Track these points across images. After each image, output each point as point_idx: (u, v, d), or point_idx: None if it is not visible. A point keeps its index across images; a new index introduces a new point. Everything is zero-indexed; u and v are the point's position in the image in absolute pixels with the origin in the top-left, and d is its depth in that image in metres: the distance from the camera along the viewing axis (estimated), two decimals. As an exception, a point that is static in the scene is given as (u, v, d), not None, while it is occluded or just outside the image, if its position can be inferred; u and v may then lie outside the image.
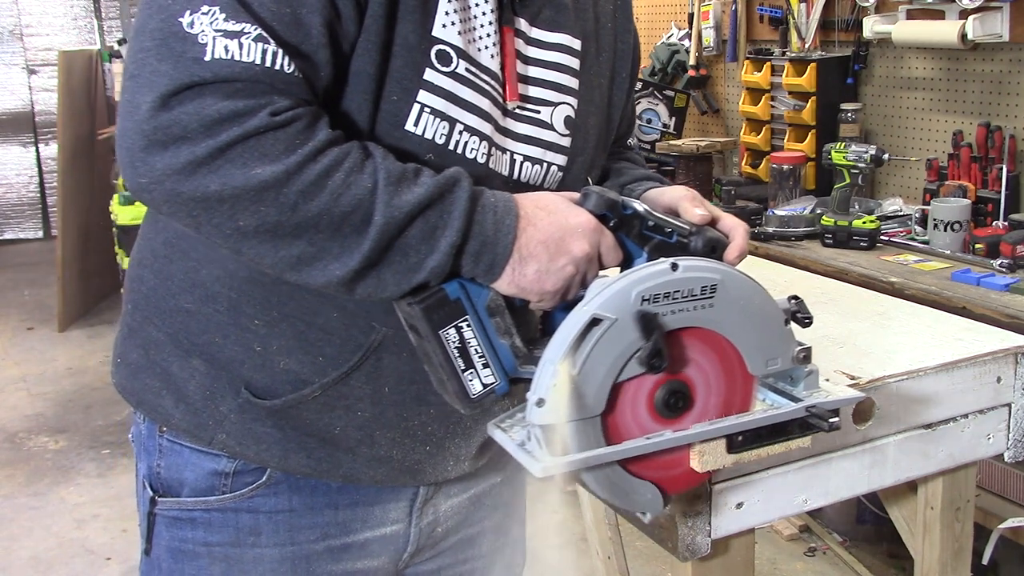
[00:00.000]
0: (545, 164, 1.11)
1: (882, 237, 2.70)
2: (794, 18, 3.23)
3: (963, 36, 2.64)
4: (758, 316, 1.01)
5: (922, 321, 1.50)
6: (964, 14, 2.64)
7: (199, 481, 1.12)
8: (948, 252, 2.55)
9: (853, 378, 1.27)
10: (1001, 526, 2.25)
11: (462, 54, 1.01)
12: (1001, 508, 2.32)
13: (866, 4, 2.96)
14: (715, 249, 1.04)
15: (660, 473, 1.00)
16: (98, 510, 3.28)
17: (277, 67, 0.91)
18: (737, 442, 1.01)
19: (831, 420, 1.01)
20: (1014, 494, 2.34)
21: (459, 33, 1.01)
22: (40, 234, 7.07)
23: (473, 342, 0.99)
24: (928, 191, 2.82)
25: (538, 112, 1.10)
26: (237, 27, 0.89)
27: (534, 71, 1.10)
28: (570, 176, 1.14)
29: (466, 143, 1.03)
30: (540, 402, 0.92)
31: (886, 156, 2.74)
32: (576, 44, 1.13)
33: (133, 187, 0.92)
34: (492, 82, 1.04)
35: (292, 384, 1.08)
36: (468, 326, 0.98)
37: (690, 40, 3.77)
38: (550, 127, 1.11)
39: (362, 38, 0.96)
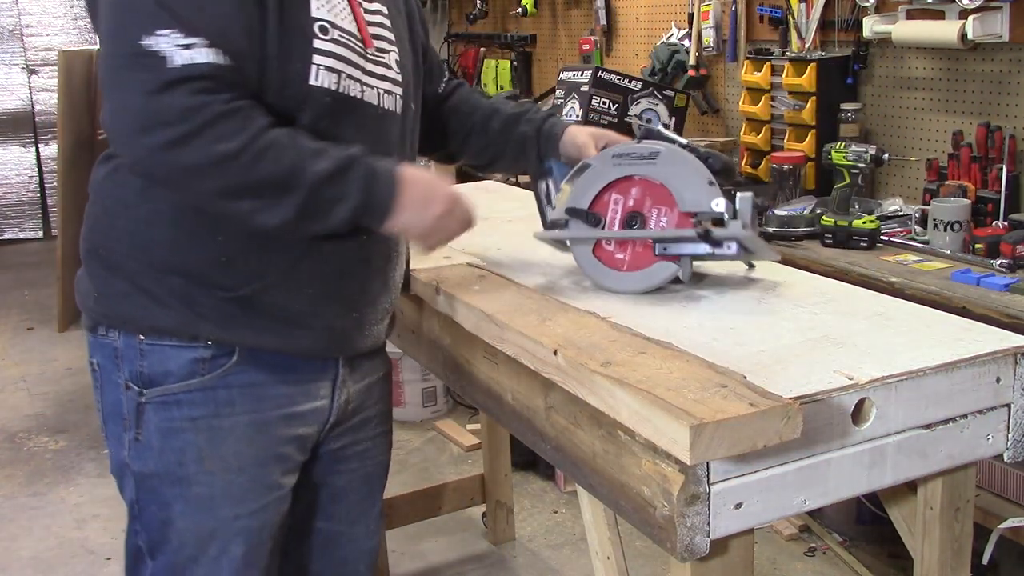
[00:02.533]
0: (395, 95, 1.52)
1: (882, 237, 2.70)
2: (794, 18, 3.23)
3: (963, 36, 2.64)
4: (685, 173, 1.59)
5: (922, 321, 1.50)
6: (964, 14, 2.64)
7: (182, 369, 1.43)
8: (948, 252, 2.54)
9: (852, 378, 1.27)
10: (1001, 526, 2.25)
11: (333, 25, 1.41)
12: (1001, 508, 2.32)
13: (866, 4, 2.96)
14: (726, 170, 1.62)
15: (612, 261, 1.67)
16: (98, 510, 3.28)
17: (223, 64, 1.29)
18: (662, 250, 1.60)
19: (716, 239, 1.55)
20: (1014, 494, 2.34)
21: (328, 11, 1.41)
22: (40, 234, 7.06)
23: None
24: (928, 191, 2.82)
25: (383, 57, 1.51)
26: (189, 41, 1.27)
27: (372, 29, 1.49)
28: (407, 102, 1.56)
29: (348, 86, 1.43)
30: (554, 205, 1.74)
31: (886, 156, 2.74)
32: (385, 9, 1.55)
33: (130, 162, 1.35)
34: (353, 40, 1.44)
35: (254, 276, 1.42)
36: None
37: (690, 40, 3.76)
38: (390, 67, 1.52)
39: (269, 29, 1.34)
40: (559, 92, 3.75)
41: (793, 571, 2.86)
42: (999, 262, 2.39)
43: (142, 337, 1.44)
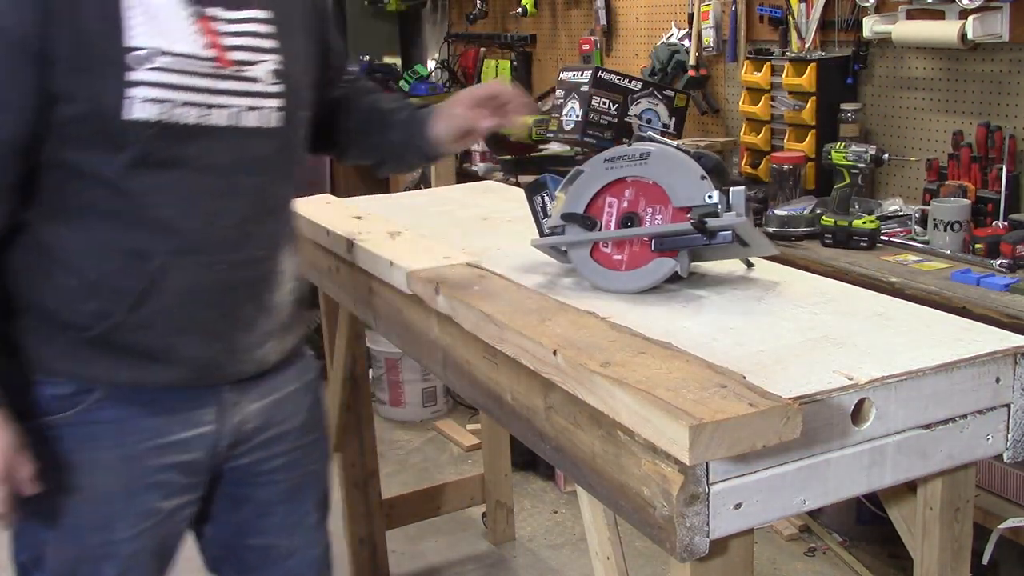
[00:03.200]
0: (264, 109, 1.48)
1: (882, 237, 2.70)
2: (794, 18, 3.23)
3: (963, 36, 2.64)
4: (677, 170, 1.62)
5: (922, 321, 1.50)
6: (964, 14, 2.63)
7: (49, 404, 1.46)
8: (948, 252, 2.54)
9: (852, 378, 1.27)
10: (1001, 526, 2.25)
11: (161, 51, 1.36)
12: (1001, 508, 2.32)
13: (866, 4, 2.96)
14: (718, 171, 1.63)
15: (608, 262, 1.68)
16: (98, 510, 3.27)
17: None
18: (659, 246, 1.62)
19: (711, 229, 1.56)
20: (1014, 494, 2.34)
21: (153, 37, 1.35)
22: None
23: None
24: (928, 191, 2.82)
25: (248, 70, 1.46)
26: None
27: (235, 40, 1.45)
28: (291, 111, 1.52)
29: (181, 114, 1.38)
30: (550, 213, 1.79)
31: (886, 156, 2.74)
32: (264, 14, 1.49)
33: None
34: (194, 62, 1.39)
35: (101, 316, 1.42)
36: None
37: (690, 40, 3.76)
38: (257, 79, 1.47)
39: (60, 75, 1.32)
40: (559, 92, 3.75)
41: (793, 571, 2.86)
42: (999, 262, 2.39)
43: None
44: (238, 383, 1.57)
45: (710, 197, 1.57)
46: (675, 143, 1.72)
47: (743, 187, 1.59)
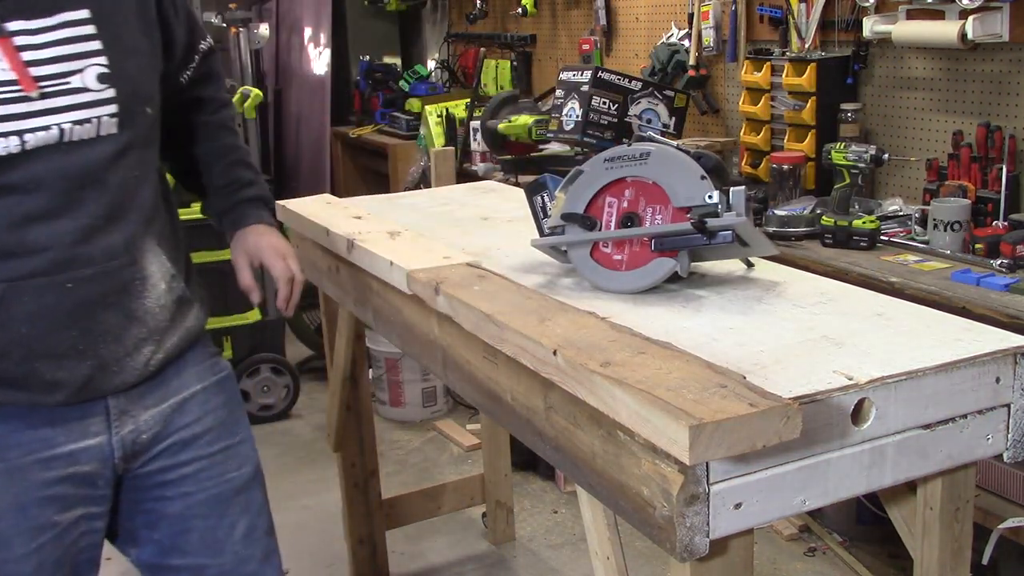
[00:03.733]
0: (94, 119, 1.38)
1: (882, 237, 2.70)
2: (794, 18, 3.22)
3: (963, 36, 2.64)
4: (677, 170, 1.63)
5: (922, 321, 1.50)
6: (964, 14, 2.63)
7: None
8: (948, 252, 2.54)
9: (851, 378, 1.27)
10: (1001, 526, 2.25)
11: None
12: (1001, 508, 2.32)
13: (866, 4, 2.96)
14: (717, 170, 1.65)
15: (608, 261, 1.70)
16: (98, 510, 3.28)
17: None
18: (659, 246, 1.63)
19: (711, 229, 1.56)
20: (1014, 494, 2.34)
21: None
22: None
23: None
24: (928, 191, 2.82)
25: (66, 81, 1.36)
26: None
27: (46, 52, 1.35)
28: (130, 112, 1.43)
29: None
30: (549, 213, 1.80)
31: (886, 156, 2.74)
32: (81, 14, 1.38)
33: None
34: (5, 88, 1.31)
35: None
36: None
37: (690, 40, 3.76)
38: (82, 88, 1.37)
39: None
40: (559, 92, 3.74)
41: (793, 571, 2.86)
42: (999, 262, 2.39)
43: None
44: (124, 393, 1.51)
45: (710, 197, 1.58)
46: (675, 143, 1.72)
47: (743, 187, 1.59)
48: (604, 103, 3.57)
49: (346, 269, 2.19)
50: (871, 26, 2.94)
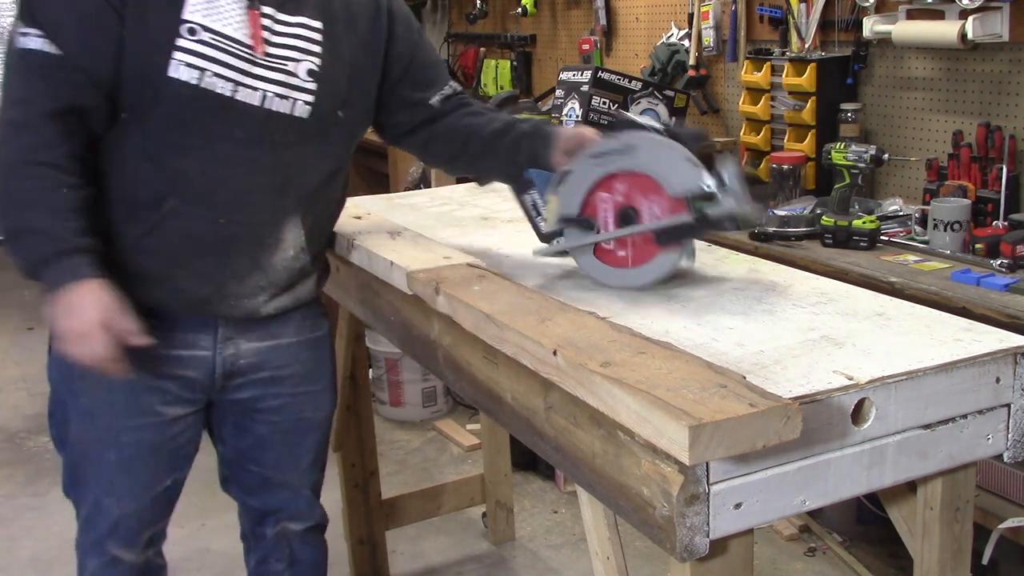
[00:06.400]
0: (291, 99, 1.72)
1: (882, 237, 2.70)
2: (794, 18, 3.23)
3: (963, 36, 2.64)
4: (665, 158, 1.64)
5: (922, 321, 1.50)
6: (964, 14, 2.63)
7: None
8: (948, 252, 2.54)
9: (852, 378, 1.27)
10: (1001, 526, 2.25)
11: (206, 28, 1.64)
12: (1001, 508, 2.32)
13: (866, 4, 2.96)
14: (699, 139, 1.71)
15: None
16: (98, 510, 3.28)
17: (52, 54, 1.62)
18: (664, 240, 1.64)
19: (713, 221, 1.59)
20: (1014, 494, 2.34)
21: (205, 16, 1.64)
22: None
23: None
24: (928, 191, 2.82)
25: (285, 64, 1.71)
26: (27, 31, 1.62)
27: (280, 39, 1.71)
28: (321, 106, 1.75)
29: (213, 83, 1.65)
30: (543, 218, 1.82)
31: (886, 156, 2.74)
32: (316, 23, 1.75)
33: None
34: (231, 43, 1.66)
35: (110, 242, 1.70)
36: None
37: (690, 40, 3.76)
38: (294, 75, 1.72)
39: (128, 27, 1.61)
40: (559, 92, 3.75)
41: (793, 571, 2.86)
42: (999, 262, 2.39)
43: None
44: (234, 322, 1.84)
45: (708, 186, 1.59)
46: (659, 123, 1.72)
47: (732, 160, 1.62)
48: (604, 103, 3.57)
49: (346, 269, 2.19)
50: (871, 26, 2.94)
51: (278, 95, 1.70)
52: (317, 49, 1.75)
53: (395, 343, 2.12)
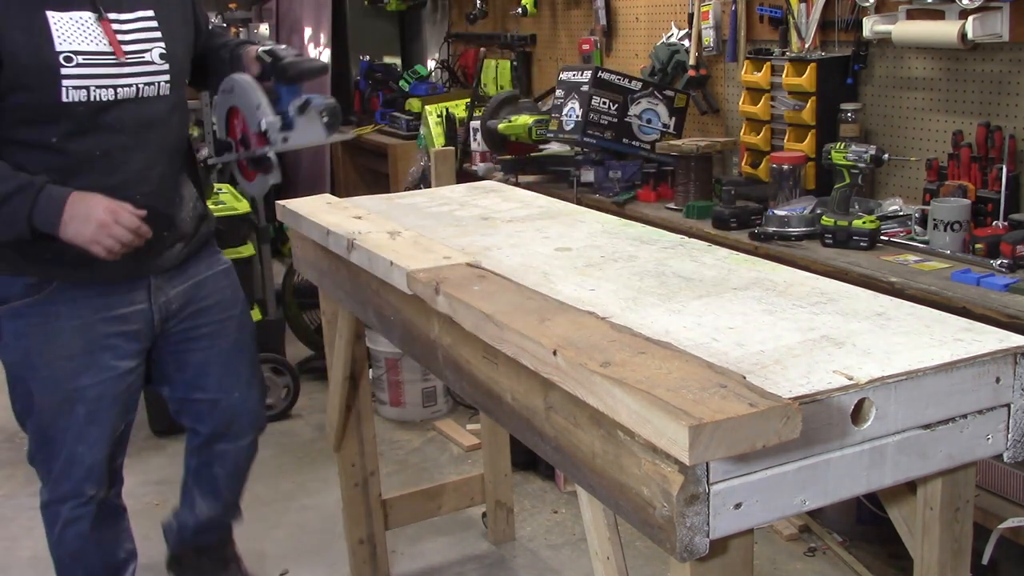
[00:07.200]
0: (157, 83, 2.12)
1: (882, 237, 2.70)
2: (794, 18, 3.23)
3: (963, 36, 2.64)
4: (246, 100, 2.11)
5: (922, 321, 1.50)
6: (964, 14, 2.63)
7: (21, 291, 2.12)
8: (948, 252, 2.54)
9: (851, 378, 1.27)
10: (1001, 526, 2.25)
11: (77, 52, 1.99)
12: (1001, 508, 2.32)
13: (866, 4, 2.96)
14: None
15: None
16: (98, 510, 3.28)
17: None
18: (251, 165, 2.18)
19: (259, 158, 2.12)
20: (1014, 494, 2.34)
21: (71, 43, 1.99)
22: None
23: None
24: (928, 191, 2.82)
25: (142, 56, 2.10)
26: None
27: (130, 36, 2.08)
28: (176, 81, 2.17)
29: (99, 94, 2.02)
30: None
31: (886, 156, 2.74)
32: (148, 12, 2.12)
33: None
34: (103, 56, 2.02)
35: (54, 247, 2.03)
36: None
37: (690, 40, 3.76)
38: (151, 62, 2.11)
39: (17, 71, 1.94)
40: (559, 92, 3.75)
41: (793, 571, 2.86)
42: (999, 262, 2.39)
43: None
44: (161, 274, 2.23)
45: (264, 125, 2.05)
46: (272, 54, 2.15)
47: (317, 97, 2.08)
48: (604, 103, 3.57)
49: (346, 269, 2.19)
50: (871, 26, 2.94)
51: (146, 84, 2.10)
52: (158, 34, 2.12)
53: (395, 343, 2.12)
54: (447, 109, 4.69)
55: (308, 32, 6.19)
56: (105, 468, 2.27)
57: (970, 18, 2.61)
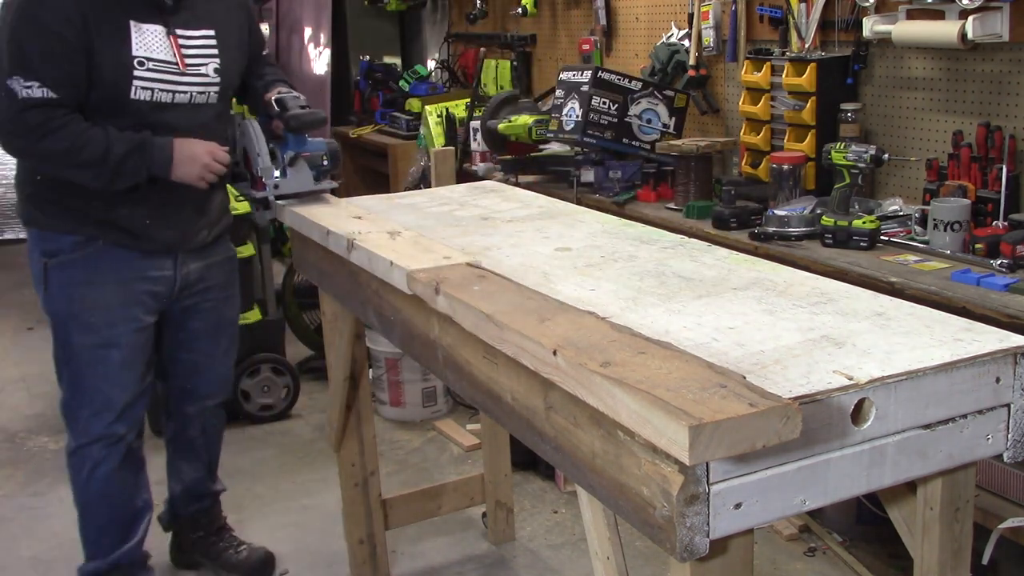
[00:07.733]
0: (208, 92, 2.48)
1: (882, 237, 2.70)
2: (794, 18, 3.23)
3: (963, 36, 2.64)
4: (251, 143, 2.54)
5: (922, 321, 1.50)
6: (964, 14, 2.63)
7: (68, 247, 2.47)
8: (948, 252, 2.54)
9: (851, 378, 1.27)
10: (1001, 526, 2.25)
11: (149, 58, 2.36)
12: (1001, 508, 2.32)
13: (866, 4, 2.96)
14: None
15: None
16: (98, 510, 3.27)
17: (52, 97, 2.27)
18: (252, 204, 2.62)
19: (266, 203, 2.53)
20: (1014, 494, 2.34)
21: (146, 49, 2.36)
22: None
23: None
24: (928, 191, 2.82)
25: (199, 69, 2.45)
26: (30, 83, 2.25)
27: (192, 51, 2.44)
28: (225, 92, 2.55)
29: (160, 96, 2.39)
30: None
31: (886, 156, 2.74)
32: (210, 32, 2.48)
33: (9, 152, 2.41)
34: (167, 65, 2.39)
35: (109, 209, 2.45)
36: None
37: (690, 40, 3.76)
38: (205, 75, 2.47)
39: (98, 69, 2.31)
40: (559, 92, 3.75)
41: (793, 571, 2.86)
42: (999, 262, 2.39)
43: (46, 230, 2.49)
44: (188, 252, 2.60)
45: (260, 172, 2.48)
46: (290, 105, 2.49)
47: (293, 153, 2.49)
48: (604, 103, 3.57)
49: (346, 269, 2.19)
50: (871, 26, 2.94)
51: (199, 92, 2.46)
52: (215, 52, 2.48)
53: (395, 343, 2.12)
54: (447, 109, 4.69)
55: (308, 32, 6.19)
56: (136, 411, 2.59)
57: (970, 18, 2.61)
